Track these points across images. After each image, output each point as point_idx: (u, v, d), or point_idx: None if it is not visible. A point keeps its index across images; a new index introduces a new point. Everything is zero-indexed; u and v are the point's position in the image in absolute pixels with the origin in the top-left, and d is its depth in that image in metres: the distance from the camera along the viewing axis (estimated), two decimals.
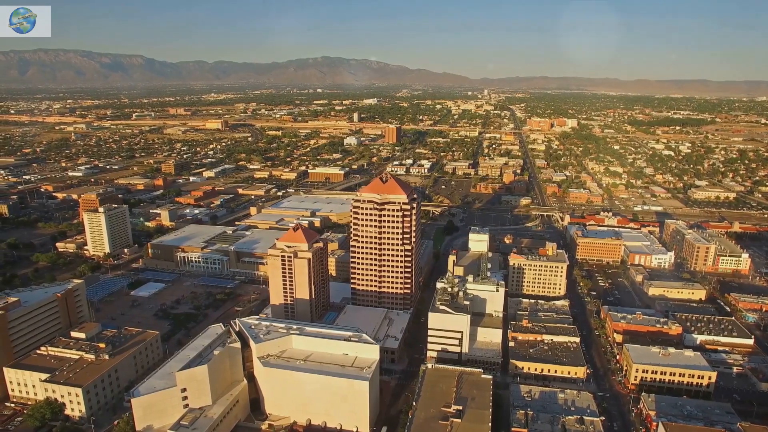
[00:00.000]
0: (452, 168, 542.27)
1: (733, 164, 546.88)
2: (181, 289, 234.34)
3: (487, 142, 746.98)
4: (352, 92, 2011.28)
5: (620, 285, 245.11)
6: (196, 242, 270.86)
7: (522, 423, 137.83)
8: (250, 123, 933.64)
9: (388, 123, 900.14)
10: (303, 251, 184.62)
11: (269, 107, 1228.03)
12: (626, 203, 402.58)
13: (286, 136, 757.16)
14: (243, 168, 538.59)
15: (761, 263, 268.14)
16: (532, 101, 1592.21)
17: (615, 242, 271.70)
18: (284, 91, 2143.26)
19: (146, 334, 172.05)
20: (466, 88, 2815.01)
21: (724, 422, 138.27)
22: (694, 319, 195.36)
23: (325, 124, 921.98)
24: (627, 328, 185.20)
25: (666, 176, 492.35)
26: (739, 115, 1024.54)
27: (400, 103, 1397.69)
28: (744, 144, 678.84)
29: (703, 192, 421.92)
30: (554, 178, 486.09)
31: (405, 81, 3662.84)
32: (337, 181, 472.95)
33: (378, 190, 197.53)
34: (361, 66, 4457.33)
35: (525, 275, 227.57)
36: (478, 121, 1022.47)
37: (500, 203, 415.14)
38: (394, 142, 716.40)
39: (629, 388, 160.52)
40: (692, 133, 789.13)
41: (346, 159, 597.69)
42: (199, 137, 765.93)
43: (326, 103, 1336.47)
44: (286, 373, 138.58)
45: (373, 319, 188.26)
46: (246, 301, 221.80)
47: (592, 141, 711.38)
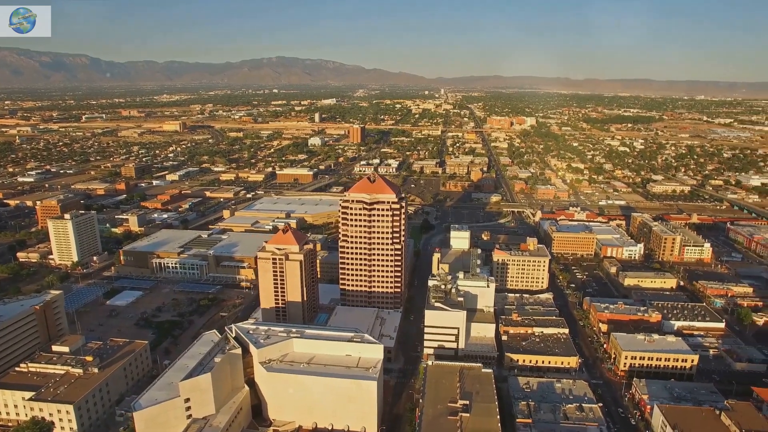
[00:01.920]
0: (420, 167, 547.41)
1: (684, 159, 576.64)
2: (161, 296, 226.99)
3: (451, 140, 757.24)
4: (309, 92, 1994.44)
5: (596, 277, 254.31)
6: (172, 247, 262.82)
7: (525, 413, 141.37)
8: (208, 124, 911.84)
9: (351, 123, 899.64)
10: (294, 253, 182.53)
11: (227, 108, 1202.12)
12: (591, 198, 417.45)
13: (248, 138, 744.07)
14: (207, 170, 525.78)
15: (720, 252, 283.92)
16: (489, 100, 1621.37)
17: (588, 236, 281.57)
18: (239, 92, 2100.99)
19: (134, 345, 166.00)
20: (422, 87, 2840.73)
21: (710, 401, 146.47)
22: (670, 306, 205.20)
23: (287, 125, 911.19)
24: (611, 318, 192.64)
25: (624, 171, 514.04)
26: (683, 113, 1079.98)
27: (359, 103, 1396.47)
28: (691, 140, 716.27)
29: (660, 186, 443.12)
30: (520, 175, 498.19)
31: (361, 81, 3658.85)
32: (307, 182, 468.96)
33: (367, 190, 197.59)
34: (317, 66, 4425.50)
35: (509, 270, 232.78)
36: (439, 120, 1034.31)
37: (471, 201, 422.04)
38: (359, 141, 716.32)
39: (619, 374, 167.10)
40: (643, 130, 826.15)
41: (312, 159, 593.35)
42: (157, 139, 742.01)
43: (285, 104, 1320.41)
44: (291, 377, 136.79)
45: (365, 319, 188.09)
46: (231, 305, 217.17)
47: (552, 138, 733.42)
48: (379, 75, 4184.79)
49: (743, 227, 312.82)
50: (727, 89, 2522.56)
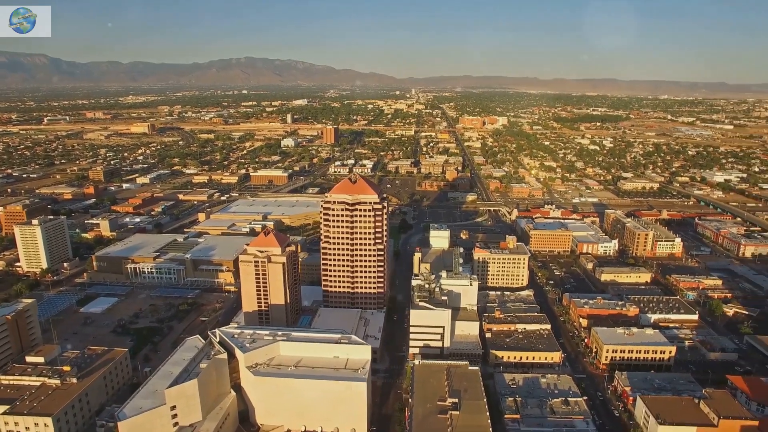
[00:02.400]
0: (395, 167, 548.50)
1: (651, 157, 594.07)
2: (138, 302, 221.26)
3: (424, 140, 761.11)
4: (279, 93, 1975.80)
5: (574, 273, 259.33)
6: (147, 252, 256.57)
7: (513, 409, 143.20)
8: (178, 126, 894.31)
9: (323, 123, 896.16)
10: (276, 255, 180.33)
11: (196, 109, 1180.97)
12: (564, 196, 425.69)
13: (220, 139, 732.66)
14: (179, 173, 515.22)
15: (690, 246, 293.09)
16: (460, 100, 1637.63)
17: (564, 233, 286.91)
18: (208, 93, 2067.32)
19: (114, 353, 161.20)
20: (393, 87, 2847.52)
21: (689, 390, 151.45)
22: (646, 300, 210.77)
23: (259, 126, 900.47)
24: (591, 313, 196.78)
25: (595, 169, 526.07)
26: (648, 112, 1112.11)
27: (331, 104, 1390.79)
28: (657, 138, 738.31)
29: (631, 183, 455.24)
30: (494, 174, 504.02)
31: (331, 81, 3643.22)
32: (282, 184, 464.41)
33: (348, 190, 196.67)
34: (287, 66, 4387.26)
35: (489, 268, 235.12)
36: (411, 120, 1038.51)
37: (447, 200, 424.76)
38: (333, 142, 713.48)
39: (601, 368, 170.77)
40: (612, 129, 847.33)
41: (285, 161, 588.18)
42: (125, 142, 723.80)
43: (255, 105, 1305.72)
44: (279, 381, 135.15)
45: (349, 320, 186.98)
46: (211, 310, 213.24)
47: (524, 137, 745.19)
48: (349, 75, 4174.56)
49: (710, 222, 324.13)
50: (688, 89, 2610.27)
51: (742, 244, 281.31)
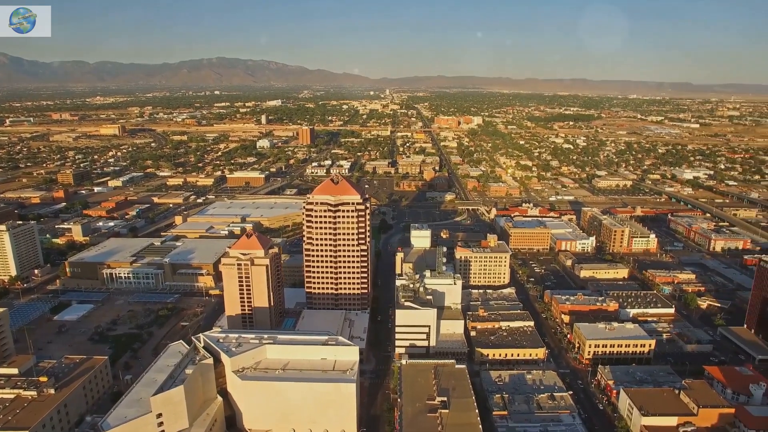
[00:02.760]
0: (372, 167, 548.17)
1: (624, 155, 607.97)
2: (115, 309, 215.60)
3: (401, 140, 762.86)
4: (252, 94, 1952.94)
5: (553, 270, 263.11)
6: (123, 257, 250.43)
7: (501, 406, 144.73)
8: (149, 127, 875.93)
9: (299, 124, 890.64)
10: (260, 258, 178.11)
11: (168, 110, 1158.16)
12: (541, 194, 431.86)
13: (193, 141, 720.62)
14: (152, 175, 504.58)
15: (664, 242, 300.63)
16: (435, 100, 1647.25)
17: (543, 231, 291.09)
18: (179, 94, 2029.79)
19: (93, 361, 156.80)
20: (366, 88, 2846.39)
21: (669, 382, 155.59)
22: (625, 295, 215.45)
23: (233, 127, 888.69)
24: (572, 309, 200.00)
25: (570, 168, 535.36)
26: (619, 111, 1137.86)
27: (305, 104, 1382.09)
28: (628, 137, 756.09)
29: (605, 181, 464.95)
30: (471, 173, 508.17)
31: (305, 82, 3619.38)
32: (259, 185, 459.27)
33: (331, 191, 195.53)
34: (259, 67, 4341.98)
35: (471, 267, 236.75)
36: (387, 120, 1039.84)
37: (426, 200, 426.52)
38: (309, 143, 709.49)
39: (584, 363, 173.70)
40: (584, 128, 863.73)
41: (262, 162, 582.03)
42: (95, 144, 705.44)
43: (229, 106, 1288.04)
44: (267, 385, 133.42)
45: (333, 322, 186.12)
46: (192, 314, 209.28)
47: (499, 137, 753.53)
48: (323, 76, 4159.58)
49: (682, 218, 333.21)
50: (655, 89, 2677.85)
51: (713, 239, 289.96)
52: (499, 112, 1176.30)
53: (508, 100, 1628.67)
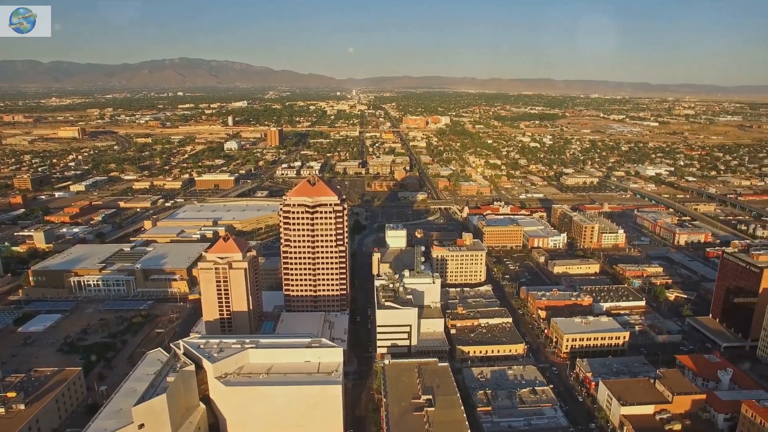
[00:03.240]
0: (343, 168, 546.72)
1: (589, 153, 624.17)
2: (85, 318, 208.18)
3: (370, 141, 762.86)
4: (217, 95, 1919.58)
5: (527, 267, 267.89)
6: (91, 264, 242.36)
7: (485, 402, 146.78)
8: (111, 130, 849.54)
9: (266, 126, 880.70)
10: (238, 261, 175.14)
11: (130, 112, 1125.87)
12: (511, 192, 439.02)
13: (158, 143, 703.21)
14: (117, 179, 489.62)
15: (631, 237, 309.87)
16: (402, 100, 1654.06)
17: (516, 228, 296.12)
18: (141, 95, 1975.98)
19: (65, 373, 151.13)
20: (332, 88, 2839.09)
21: (644, 372, 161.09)
22: (597, 289, 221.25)
23: (199, 129, 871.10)
24: (548, 305, 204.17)
25: (538, 166, 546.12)
26: (582, 110, 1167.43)
27: (272, 105, 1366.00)
28: (592, 135, 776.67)
29: (572, 179, 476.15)
30: (442, 172, 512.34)
31: (270, 82, 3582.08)
32: (229, 188, 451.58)
33: (308, 193, 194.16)
34: (223, 67, 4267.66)
35: (448, 265, 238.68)
36: (355, 121, 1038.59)
37: (398, 200, 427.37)
38: (277, 144, 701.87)
39: (562, 356, 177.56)
40: (550, 127, 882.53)
41: (230, 164, 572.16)
42: (53, 147, 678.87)
43: (193, 107, 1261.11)
44: (251, 390, 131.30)
45: (313, 324, 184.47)
46: (167, 321, 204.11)
47: (468, 136, 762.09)
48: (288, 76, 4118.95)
49: (648, 213, 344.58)
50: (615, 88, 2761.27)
51: (677, 233, 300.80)
52: (466, 111, 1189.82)
53: (474, 99, 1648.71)
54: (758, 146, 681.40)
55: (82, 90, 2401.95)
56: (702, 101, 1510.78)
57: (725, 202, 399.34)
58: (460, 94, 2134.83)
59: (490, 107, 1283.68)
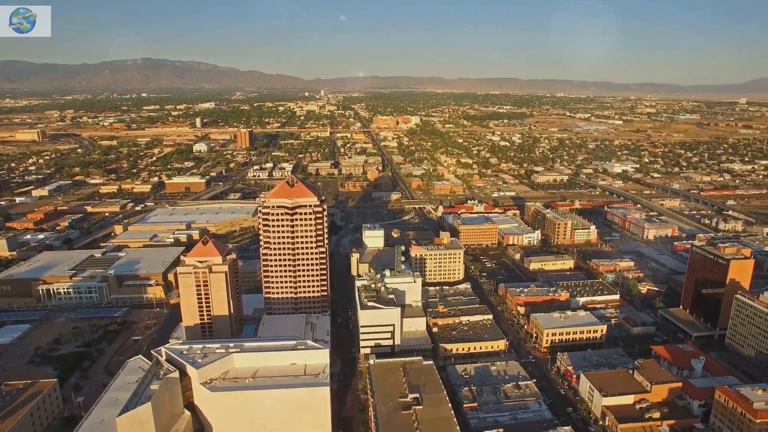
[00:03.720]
0: (315, 169, 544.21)
1: (558, 151, 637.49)
2: (56, 327, 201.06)
3: (341, 141, 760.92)
4: (182, 96, 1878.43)
5: (504, 264, 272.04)
6: (60, 271, 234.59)
7: (470, 398, 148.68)
8: (73, 132, 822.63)
9: (235, 127, 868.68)
10: (218, 265, 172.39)
11: (92, 114, 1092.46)
12: (484, 191, 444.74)
13: (124, 146, 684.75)
14: (82, 183, 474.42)
15: (602, 232, 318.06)
16: (371, 100, 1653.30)
17: (491, 226, 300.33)
18: (102, 96, 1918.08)
19: (39, 385, 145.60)
20: (301, 89, 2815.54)
21: (622, 363, 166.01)
22: (573, 284, 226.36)
23: (166, 131, 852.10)
24: (527, 301, 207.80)
25: (509, 164, 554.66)
26: (549, 109, 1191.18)
27: (240, 106, 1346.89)
28: (560, 134, 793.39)
29: (543, 176, 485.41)
30: (414, 172, 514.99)
31: (237, 83, 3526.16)
32: (200, 191, 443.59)
33: (287, 194, 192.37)
34: (189, 68, 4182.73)
35: (427, 264, 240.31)
36: (325, 121, 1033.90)
37: (372, 200, 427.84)
38: (248, 146, 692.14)
39: (543, 351, 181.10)
40: (518, 126, 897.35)
41: (200, 166, 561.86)
42: (11, 151, 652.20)
43: (159, 109, 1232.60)
44: (238, 395, 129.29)
45: (295, 326, 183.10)
46: (144, 328, 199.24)
47: (438, 136, 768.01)
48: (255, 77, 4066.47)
49: (617, 209, 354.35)
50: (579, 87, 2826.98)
51: (646, 228, 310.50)
52: (435, 111, 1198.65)
53: (443, 99, 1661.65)
54: (716, 143, 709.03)
55: (39, 91, 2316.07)
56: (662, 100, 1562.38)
57: (689, 198, 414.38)
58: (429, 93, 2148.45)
59: (459, 107, 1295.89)
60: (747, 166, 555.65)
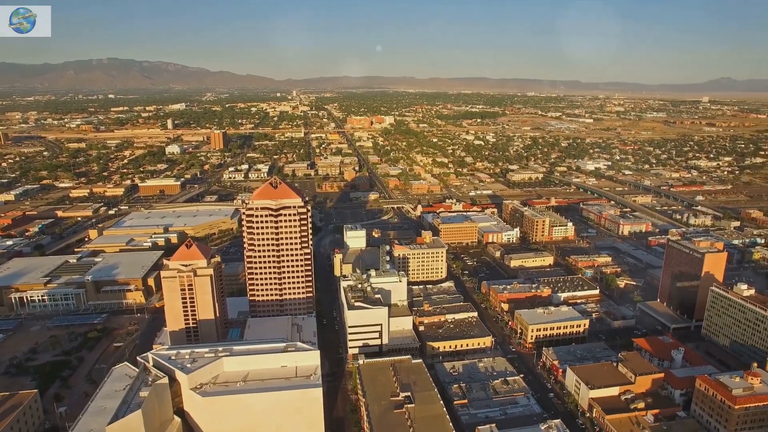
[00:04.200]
0: (292, 170, 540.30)
1: (531, 149, 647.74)
2: (31, 336, 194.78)
3: (316, 142, 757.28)
4: (151, 97, 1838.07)
5: (484, 262, 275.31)
6: (34, 278, 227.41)
7: (460, 395, 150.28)
8: (38, 135, 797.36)
9: (208, 128, 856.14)
10: (203, 268, 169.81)
11: (57, 116, 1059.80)
12: (461, 190, 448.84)
13: (94, 148, 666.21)
14: (51, 187, 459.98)
15: (579, 229, 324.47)
16: (343, 100, 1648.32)
17: (471, 225, 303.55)
18: (67, 97, 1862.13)
19: (19, 396, 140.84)
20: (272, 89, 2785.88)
21: (605, 356, 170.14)
22: (554, 281, 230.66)
23: (136, 133, 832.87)
24: (510, 297, 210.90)
25: (484, 163, 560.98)
26: (520, 108, 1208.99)
27: (211, 107, 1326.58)
28: (533, 132, 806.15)
29: (518, 175, 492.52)
30: (391, 172, 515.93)
31: (207, 84, 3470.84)
32: (175, 193, 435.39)
33: (271, 196, 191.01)
34: (156, 68, 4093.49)
35: (410, 263, 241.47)
36: (299, 122, 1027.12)
37: (350, 200, 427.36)
38: (222, 147, 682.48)
39: (527, 346, 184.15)
40: (491, 125, 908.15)
41: (174, 169, 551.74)
42: None
43: (128, 110, 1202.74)
44: (230, 399, 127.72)
45: (281, 329, 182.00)
46: (125, 334, 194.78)
47: (413, 135, 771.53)
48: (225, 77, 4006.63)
49: (592, 206, 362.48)
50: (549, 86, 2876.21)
51: (621, 224, 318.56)
52: (408, 111, 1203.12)
53: (416, 99, 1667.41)
54: (682, 141, 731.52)
55: None
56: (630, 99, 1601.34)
57: (660, 194, 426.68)
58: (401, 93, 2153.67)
59: (432, 106, 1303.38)
60: (712, 162, 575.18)
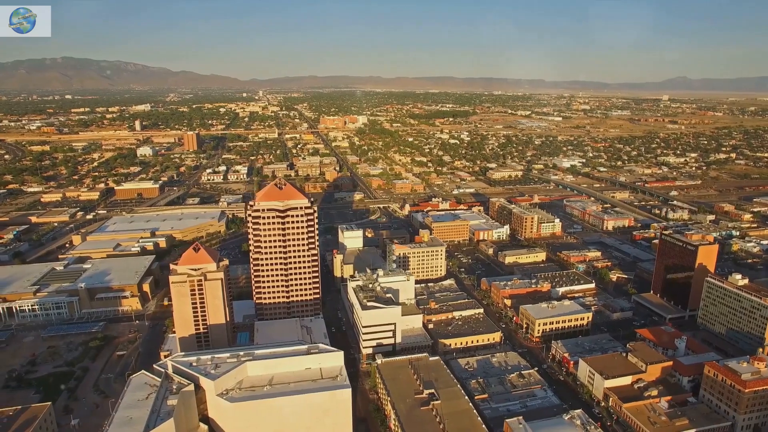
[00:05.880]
0: (271, 171, 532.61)
1: (507, 148, 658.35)
2: (25, 347, 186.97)
3: (291, 142, 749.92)
4: (112, 98, 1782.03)
5: (478, 259, 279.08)
6: (22, 287, 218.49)
7: (479, 390, 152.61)
8: None
9: (177, 130, 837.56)
10: (213, 272, 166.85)
11: (14, 117, 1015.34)
12: (443, 188, 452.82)
13: (59, 151, 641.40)
14: (19, 192, 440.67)
15: (565, 225, 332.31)
16: (312, 100, 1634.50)
17: (462, 223, 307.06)
18: (20, 98, 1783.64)
19: (33, 410, 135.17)
20: (237, 89, 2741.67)
21: (612, 347, 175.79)
22: (551, 276, 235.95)
23: (103, 135, 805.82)
24: (512, 293, 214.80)
25: (462, 162, 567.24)
26: (490, 107, 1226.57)
27: (178, 108, 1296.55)
28: (506, 131, 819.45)
29: (498, 173, 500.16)
30: (372, 172, 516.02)
31: (169, 84, 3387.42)
32: (154, 196, 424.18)
33: (277, 197, 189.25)
34: (116, 68, 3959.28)
35: (410, 262, 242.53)
36: (271, 122, 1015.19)
37: (335, 201, 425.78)
38: (196, 149, 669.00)
39: (535, 340, 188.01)
40: (464, 124, 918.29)
41: (148, 171, 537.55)
42: None
43: (89, 111, 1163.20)
44: (258, 404, 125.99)
45: (291, 331, 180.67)
46: (126, 342, 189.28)
47: (388, 135, 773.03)
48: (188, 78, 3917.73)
49: (576, 203, 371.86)
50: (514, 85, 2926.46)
51: (605, 219, 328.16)
52: (379, 110, 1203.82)
53: (384, 98, 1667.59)
54: (649, 138, 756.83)
55: None
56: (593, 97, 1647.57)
57: (635, 190, 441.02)
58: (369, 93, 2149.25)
59: (402, 106, 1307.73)
60: (680, 159, 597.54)
